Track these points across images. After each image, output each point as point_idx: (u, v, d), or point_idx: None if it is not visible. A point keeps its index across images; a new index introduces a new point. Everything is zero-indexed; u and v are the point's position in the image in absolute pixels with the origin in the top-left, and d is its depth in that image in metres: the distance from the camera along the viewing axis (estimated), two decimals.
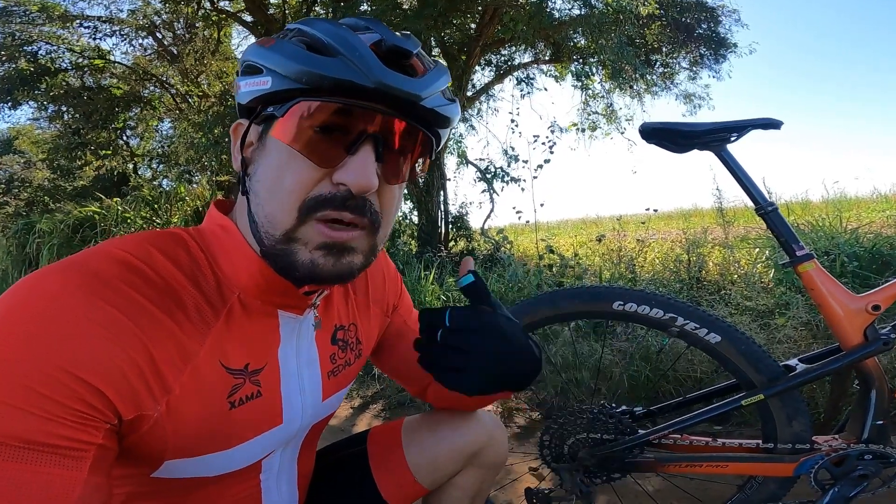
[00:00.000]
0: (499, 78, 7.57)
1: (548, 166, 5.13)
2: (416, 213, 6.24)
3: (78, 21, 7.64)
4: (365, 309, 0.79)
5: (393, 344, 0.86)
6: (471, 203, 6.44)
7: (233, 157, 0.60)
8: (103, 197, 6.46)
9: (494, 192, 6.20)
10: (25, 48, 7.61)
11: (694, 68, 7.39)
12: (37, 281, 0.46)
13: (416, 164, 0.59)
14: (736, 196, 4.05)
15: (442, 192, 6.13)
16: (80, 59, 8.25)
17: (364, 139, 0.52)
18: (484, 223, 6.20)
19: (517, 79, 7.49)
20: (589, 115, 7.59)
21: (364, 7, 5.66)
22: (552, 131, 6.49)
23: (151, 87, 9.08)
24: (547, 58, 7.25)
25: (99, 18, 7.70)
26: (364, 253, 0.57)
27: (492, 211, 6.18)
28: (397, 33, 0.55)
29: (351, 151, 0.52)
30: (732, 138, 1.06)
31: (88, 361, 0.43)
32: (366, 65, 0.50)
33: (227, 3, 7.65)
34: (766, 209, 1.05)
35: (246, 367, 0.57)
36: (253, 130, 0.57)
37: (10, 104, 8.05)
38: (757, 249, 3.43)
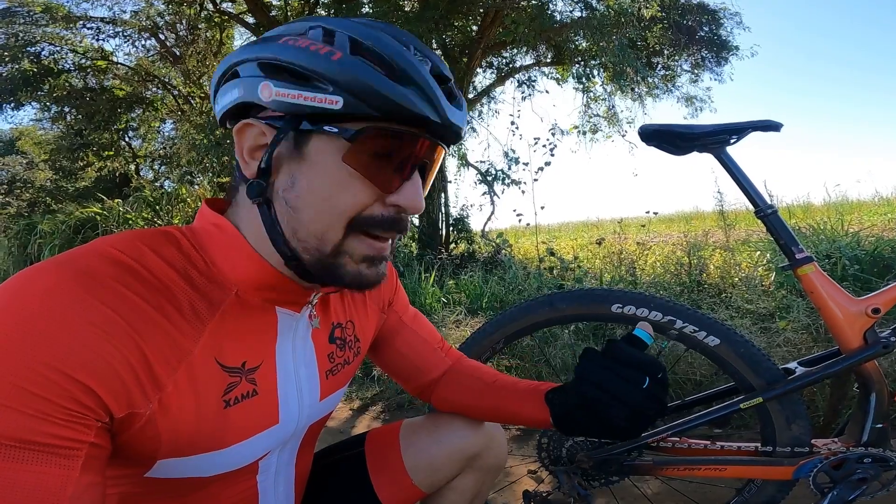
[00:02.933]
0: (500, 80, 7.57)
1: (548, 169, 5.14)
2: (416, 215, 6.24)
3: (81, 22, 7.69)
4: (362, 306, 0.79)
5: (389, 340, 0.86)
6: (471, 205, 6.47)
7: (240, 160, 0.57)
8: (105, 198, 6.50)
9: (495, 194, 6.21)
10: (29, 49, 7.65)
11: (695, 71, 7.40)
12: (29, 278, 0.45)
13: None
14: (737, 199, 4.05)
15: (443, 195, 6.14)
16: (83, 60, 8.29)
17: (416, 164, 0.56)
18: (484, 226, 6.21)
19: (518, 81, 7.50)
20: (590, 117, 7.60)
21: (366, 9, 5.67)
22: (553, 133, 6.48)
23: (154, 89, 9.12)
24: (548, 60, 7.26)
25: (102, 19, 7.75)
26: (388, 258, 0.62)
27: (492, 213, 6.19)
28: (436, 53, 0.57)
29: (406, 177, 0.56)
30: (731, 140, 1.05)
31: (80, 359, 0.43)
32: (438, 100, 0.53)
33: (229, 4, 7.68)
34: (765, 212, 1.05)
35: (243, 366, 0.57)
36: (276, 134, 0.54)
37: (13, 105, 8.10)
38: (758, 252, 3.42)
